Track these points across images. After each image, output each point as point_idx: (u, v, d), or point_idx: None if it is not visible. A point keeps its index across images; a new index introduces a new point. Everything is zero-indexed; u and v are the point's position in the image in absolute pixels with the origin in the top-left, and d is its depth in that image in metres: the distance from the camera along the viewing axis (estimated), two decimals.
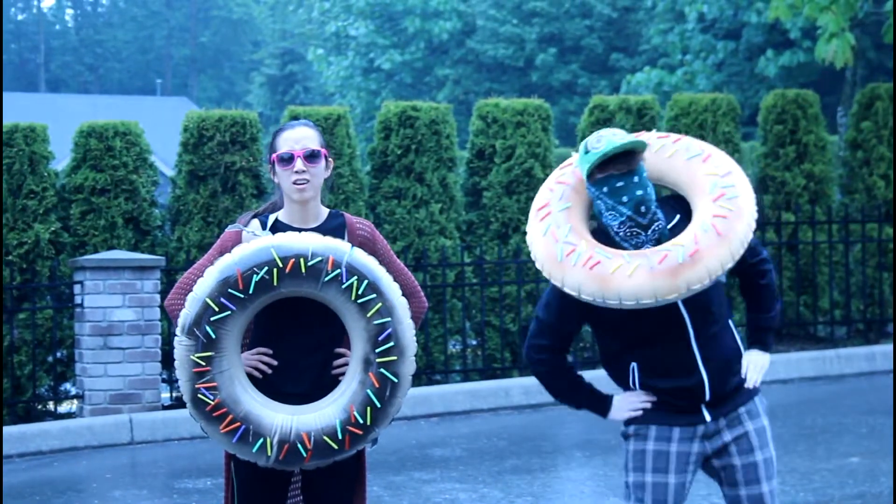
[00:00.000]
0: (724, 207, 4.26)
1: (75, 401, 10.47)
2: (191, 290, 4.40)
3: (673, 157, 4.42)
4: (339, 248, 4.31)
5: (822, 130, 12.99)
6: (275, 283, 4.27)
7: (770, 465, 4.43)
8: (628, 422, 4.45)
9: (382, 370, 4.32)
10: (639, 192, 4.28)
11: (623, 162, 4.26)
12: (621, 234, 4.31)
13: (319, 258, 4.27)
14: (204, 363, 4.26)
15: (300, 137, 4.50)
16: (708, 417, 4.38)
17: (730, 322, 4.45)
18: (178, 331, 4.30)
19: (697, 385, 4.35)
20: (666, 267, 4.19)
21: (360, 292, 4.29)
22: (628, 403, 4.43)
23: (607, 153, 4.23)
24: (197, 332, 4.25)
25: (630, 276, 4.19)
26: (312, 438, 4.29)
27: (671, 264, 4.19)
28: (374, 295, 4.30)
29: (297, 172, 4.46)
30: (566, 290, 4.29)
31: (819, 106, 13.06)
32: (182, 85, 62.99)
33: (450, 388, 10.84)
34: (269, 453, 4.28)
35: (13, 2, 65.51)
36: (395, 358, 4.33)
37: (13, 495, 8.25)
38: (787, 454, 8.49)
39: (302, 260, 4.27)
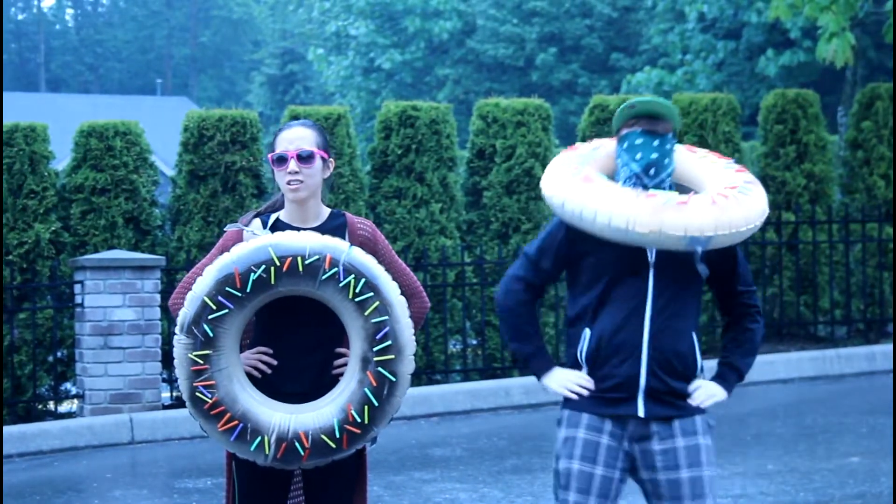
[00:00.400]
0: (730, 192, 4.33)
1: (76, 400, 10.47)
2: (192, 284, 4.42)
3: (704, 159, 4.54)
4: (337, 247, 4.32)
5: (822, 130, 12.99)
6: (272, 282, 4.28)
7: (698, 483, 4.32)
8: (564, 405, 4.44)
9: (380, 369, 4.32)
10: (654, 156, 4.34)
11: (650, 123, 4.34)
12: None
13: (316, 257, 4.28)
14: (202, 361, 4.27)
15: (295, 138, 4.50)
16: (641, 412, 4.33)
17: (692, 331, 4.40)
18: (176, 329, 4.32)
19: (634, 375, 4.33)
20: (650, 201, 4.23)
21: (357, 291, 4.29)
22: (567, 378, 4.41)
23: (636, 104, 4.34)
24: (195, 331, 4.27)
25: (613, 197, 4.24)
26: (310, 437, 4.29)
27: (656, 202, 4.23)
28: (372, 293, 4.31)
29: (290, 173, 4.47)
30: (553, 202, 4.34)
31: (819, 105, 13.06)
32: (182, 85, 62.99)
33: (450, 388, 10.84)
34: (267, 452, 4.29)
35: (13, 1, 65.51)
36: (392, 357, 4.33)
37: (13, 495, 8.25)
38: (787, 454, 8.49)
39: (299, 258, 4.28)
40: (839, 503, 7.26)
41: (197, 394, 4.28)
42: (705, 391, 4.40)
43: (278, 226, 4.51)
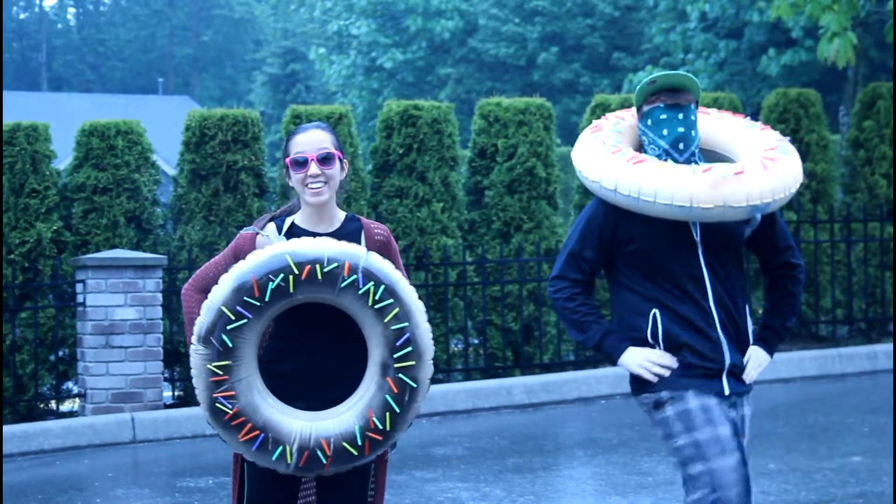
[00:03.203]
0: (775, 154, 4.36)
1: (77, 399, 10.47)
2: (205, 287, 4.39)
3: (732, 124, 4.55)
4: (356, 254, 4.28)
5: (823, 129, 12.99)
6: (291, 290, 4.22)
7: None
8: (656, 388, 4.37)
9: (401, 375, 4.28)
10: (680, 129, 4.34)
11: (671, 97, 4.33)
12: None
13: (335, 264, 4.23)
14: (221, 372, 4.22)
15: (313, 140, 4.46)
16: (727, 390, 4.39)
17: (745, 301, 4.48)
18: (193, 339, 4.26)
19: (716, 355, 4.36)
20: (709, 176, 4.24)
21: (377, 297, 4.26)
22: (645, 358, 4.36)
23: (656, 79, 4.33)
24: (213, 341, 4.21)
25: (671, 175, 4.23)
26: (332, 445, 4.26)
27: (714, 176, 4.24)
28: (392, 300, 4.27)
29: (311, 176, 4.43)
30: (604, 185, 4.30)
31: (821, 105, 13.05)
32: (184, 84, 63.00)
33: (452, 387, 10.84)
34: (289, 461, 4.26)
35: (15, 0, 65.52)
36: (413, 363, 4.28)
37: (15, 494, 8.25)
38: (788, 453, 8.49)
39: (318, 266, 4.23)
40: (841, 502, 7.25)
41: (217, 405, 4.23)
42: (755, 363, 4.47)
43: (294, 230, 4.47)
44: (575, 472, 8.30)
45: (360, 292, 4.25)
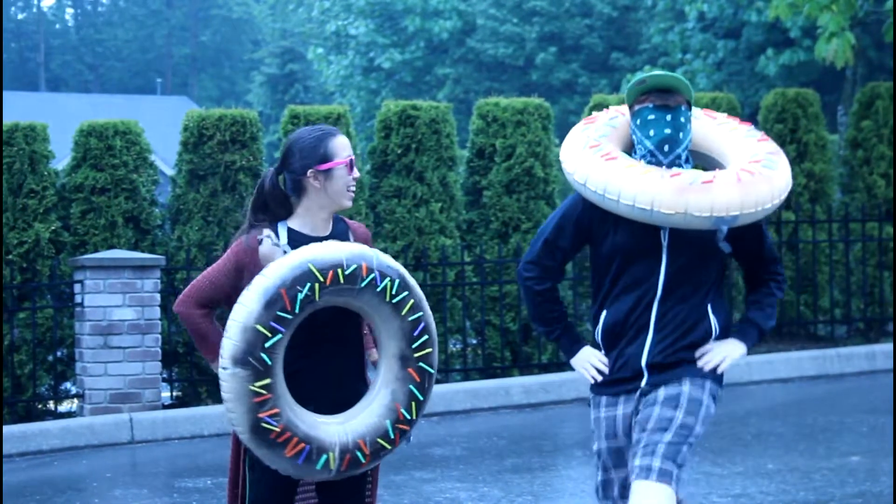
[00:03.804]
0: (755, 167, 4.30)
1: (75, 400, 10.46)
2: (204, 301, 4.36)
3: (732, 131, 4.50)
4: (367, 253, 4.30)
5: (822, 129, 12.99)
6: (317, 299, 4.22)
7: (674, 398, 4.32)
8: (591, 387, 4.54)
9: (421, 364, 4.36)
10: (667, 131, 4.33)
11: (661, 97, 4.32)
12: None
13: (354, 266, 4.25)
14: (265, 391, 4.18)
15: (347, 144, 4.50)
16: (644, 383, 4.39)
17: (707, 303, 4.39)
18: (225, 363, 4.18)
19: (638, 353, 4.37)
20: (676, 181, 4.22)
21: (393, 293, 4.29)
22: (589, 360, 4.50)
23: (646, 79, 4.33)
24: (251, 361, 4.16)
25: (638, 177, 4.22)
26: (368, 443, 4.31)
27: (681, 182, 4.22)
28: (407, 292, 4.32)
29: (355, 179, 4.48)
30: (575, 178, 4.33)
31: (819, 105, 13.05)
32: (182, 84, 62.98)
33: (450, 388, 10.84)
34: (332, 467, 4.28)
35: (13, 1, 65.51)
36: (430, 350, 4.37)
37: (13, 494, 8.25)
38: (787, 453, 8.49)
39: (339, 270, 4.23)
40: (839, 502, 7.25)
41: (263, 424, 4.18)
42: (717, 353, 4.40)
43: (295, 237, 4.45)
44: (573, 473, 8.30)
45: (378, 290, 4.27)
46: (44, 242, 10.66)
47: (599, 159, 4.30)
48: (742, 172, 4.26)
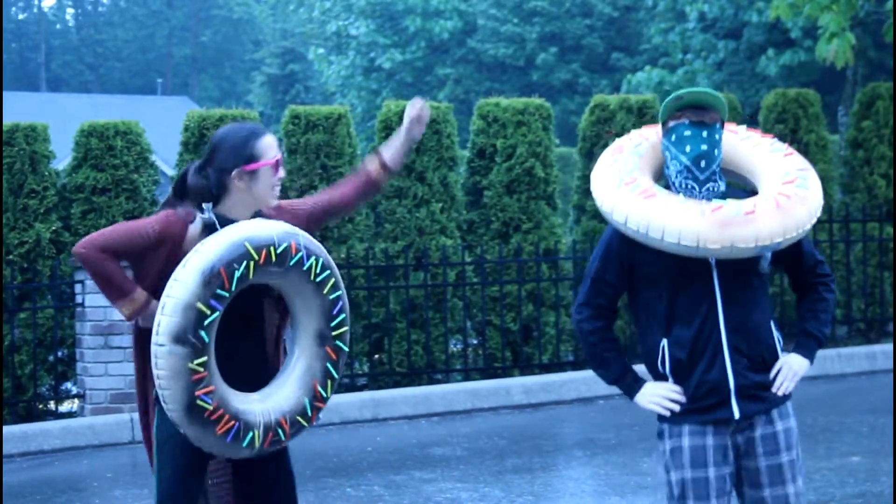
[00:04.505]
0: (791, 189, 4.29)
1: (76, 400, 10.47)
2: (111, 250, 4.29)
3: (757, 147, 4.48)
4: (294, 231, 4.33)
5: (822, 129, 12.99)
6: (250, 276, 4.23)
7: (794, 466, 4.39)
8: (661, 419, 4.41)
9: (338, 342, 4.41)
10: (703, 147, 4.31)
11: (697, 114, 4.31)
12: (677, 184, 4.34)
13: (285, 244, 4.27)
14: (202, 369, 4.18)
15: (275, 144, 4.50)
16: (736, 413, 4.32)
17: (769, 320, 4.41)
18: (162, 340, 4.15)
19: (723, 378, 4.31)
20: (718, 216, 4.20)
21: (317, 271, 4.33)
22: (656, 393, 4.38)
23: (683, 95, 4.31)
24: (191, 339, 4.15)
25: (680, 214, 4.20)
26: (288, 420, 4.34)
27: (724, 216, 4.20)
28: (329, 271, 4.36)
29: (279, 178, 4.49)
30: (614, 217, 4.29)
31: (820, 105, 13.05)
32: (183, 84, 62.98)
33: (451, 388, 10.84)
34: (257, 444, 4.30)
35: (14, 1, 65.51)
36: (346, 328, 4.42)
37: (14, 495, 8.25)
38: None
39: (272, 249, 4.24)
40: (840, 502, 7.25)
41: (198, 402, 4.19)
42: (787, 371, 4.40)
43: (221, 221, 4.42)
44: (574, 473, 8.30)
45: (304, 269, 4.30)
46: (44, 242, 10.67)
47: (637, 197, 4.27)
48: (780, 197, 4.25)
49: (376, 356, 11.36)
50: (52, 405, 10.61)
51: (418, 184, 11.56)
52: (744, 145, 4.50)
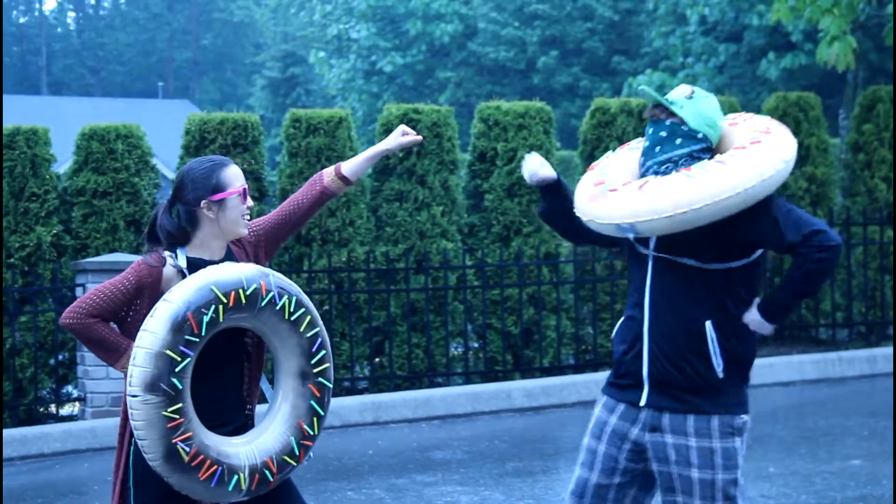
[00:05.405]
0: (683, 173, 4.21)
1: (77, 403, 10.47)
2: (98, 314, 4.30)
3: (735, 125, 4.44)
4: (263, 272, 4.32)
5: (823, 133, 12.99)
6: (221, 320, 4.23)
7: (707, 486, 4.31)
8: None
9: (321, 379, 4.41)
10: (646, 143, 4.43)
11: (657, 111, 4.44)
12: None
13: (254, 285, 4.26)
14: (178, 416, 4.17)
15: (240, 174, 4.51)
16: (644, 400, 4.33)
17: (706, 319, 4.26)
18: (135, 391, 4.15)
19: (638, 363, 4.36)
20: (593, 191, 4.39)
21: (291, 310, 4.32)
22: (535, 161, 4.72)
23: (643, 95, 4.52)
24: (164, 387, 4.14)
25: (578, 189, 4.48)
26: (275, 461, 4.34)
27: (596, 191, 4.38)
28: (303, 309, 4.35)
29: (249, 208, 4.50)
30: (575, 210, 4.51)
31: (821, 108, 13.06)
32: (184, 88, 63.02)
33: (451, 391, 10.84)
34: (243, 487, 4.29)
35: (15, 4, 65.56)
36: (327, 364, 4.42)
37: (14, 498, 8.25)
38: (788, 456, 8.49)
39: (241, 291, 4.24)
40: None
41: (178, 448, 4.17)
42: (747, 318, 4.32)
43: (195, 263, 4.42)
44: None
45: (276, 308, 4.30)
46: (45, 246, 10.67)
47: (587, 185, 4.52)
48: (659, 180, 4.22)
49: (377, 359, 11.36)
50: (52, 408, 10.61)
51: (419, 187, 11.57)
52: (730, 129, 4.51)
